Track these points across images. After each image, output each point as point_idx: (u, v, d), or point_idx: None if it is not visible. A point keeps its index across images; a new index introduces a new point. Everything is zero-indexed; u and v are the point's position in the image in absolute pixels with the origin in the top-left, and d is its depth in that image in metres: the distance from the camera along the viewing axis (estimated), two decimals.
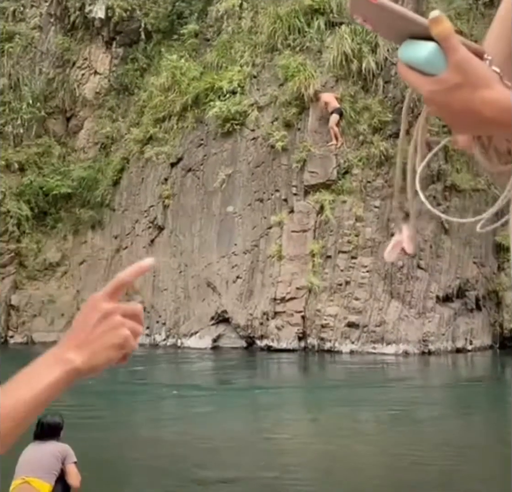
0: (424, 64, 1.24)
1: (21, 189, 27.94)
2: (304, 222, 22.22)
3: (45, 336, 26.57)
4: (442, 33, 1.19)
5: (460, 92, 1.21)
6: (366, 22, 1.27)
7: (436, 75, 1.22)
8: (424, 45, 1.23)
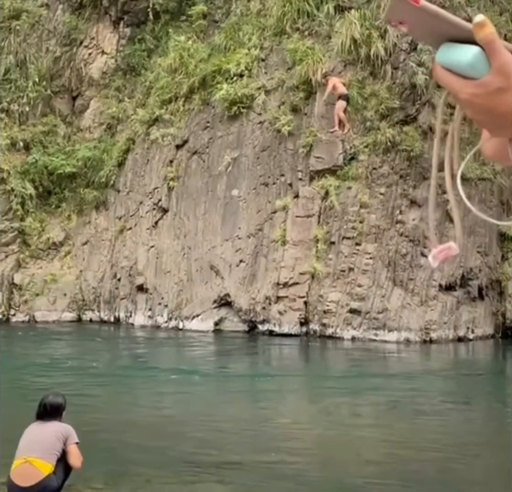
0: (467, 68, 1.25)
1: (25, 167, 27.90)
2: (308, 207, 22.19)
3: (47, 315, 26.66)
4: (487, 38, 1.21)
5: (503, 95, 1.23)
6: (402, 24, 1.27)
7: (478, 78, 1.23)
8: (467, 49, 1.24)
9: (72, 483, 7.48)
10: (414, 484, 8.57)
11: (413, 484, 8.58)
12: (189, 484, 8.34)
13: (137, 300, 25.44)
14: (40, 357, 18.82)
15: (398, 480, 8.67)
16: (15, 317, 26.68)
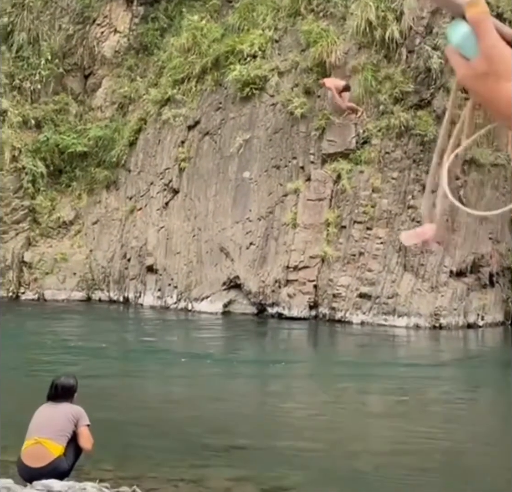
0: (458, 47, 1.19)
1: (37, 146, 27.84)
2: (320, 190, 22.10)
3: (56, 294, 26.71)
4: (475, 17, 1.14)
5: (488, 81, 1.16)
6: None
7: (470, 60, 1.17)
8: (460, 27, 1.18)
9: (82, 465, 7.49)
10: (422, 472, 8.55)
11: (421, 472, 8.56)
12: (198, 468, 8.33)
13: (146, 281, 25.44)
14: (49, 337, 18.86)
15: (406, 467, 8.65)
16: (25, 295, 26.75)
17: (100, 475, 7.38)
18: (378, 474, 8.38)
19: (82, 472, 7.47)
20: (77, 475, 7.16)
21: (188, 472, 8.11)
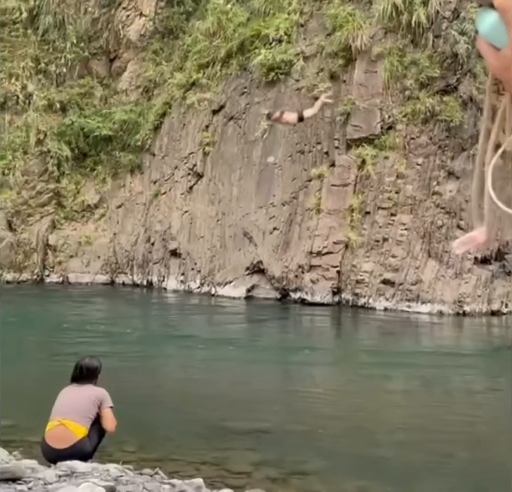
0: (487, 36, 1.13)
1: (62, 129, 27.94)
2: (344, 176, 22.01)
3: (80, 277, 26.89)
4: (502, 5, 1.08)
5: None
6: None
7: (500, 49, 1.13)
8: (488, 16, 1.12)
9: (105, 447, 7.56)
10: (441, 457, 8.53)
11: (441, 457, 8.55)
12: (220, 450, 8.38)
13: (170, 265, 25.53)
14: (74, 320, 19.00)
15: (430, 455, 8.65)
16: (49, 278, 26.95)
17: (123, 457, 7.44)
18: (400, 460, 8.37)
19: (105, 454, 7.54)
20: (100, 457, 7.23)
21: (210, 455, 8.15)
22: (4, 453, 7.11)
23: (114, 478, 5.63)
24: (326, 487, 7.20)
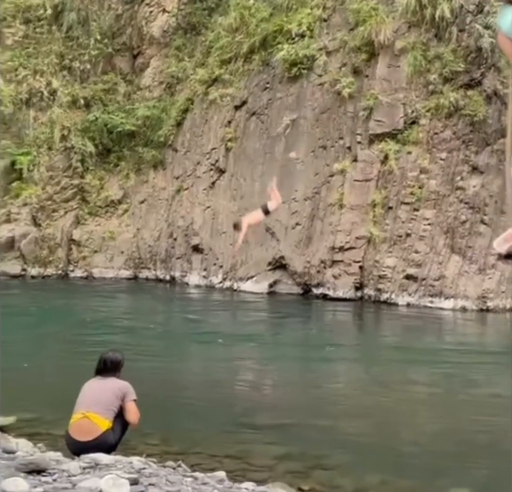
0: (508, 33, 1.14)
1: (86, 125, 28.09)
2: (367, 171, 21.95)
3: (104, 272, 27.04)
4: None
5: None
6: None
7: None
8: (509, 13, 1.12)
9: (129, 439, 7.61)
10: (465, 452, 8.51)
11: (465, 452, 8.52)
12: (241, 444, 8.42)
13: (192, 260, 25.61)
14: (97, 315, 19.13)
15: (449, 448, 8.63)
16: (74, 273, 27.12)
17: (146, 450, 7.50)
18: (424, 455, 8.36)
19: (128, 447, 7.60)
20: (123, 450, 7.28)
21: (232, 449, 8.20)
22: (29, 446, 7.20)
23: (137, 471, 5.69)
24: (348, 481, 7.22)
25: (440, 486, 7.24)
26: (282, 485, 6.62)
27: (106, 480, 5.05)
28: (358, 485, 7.15)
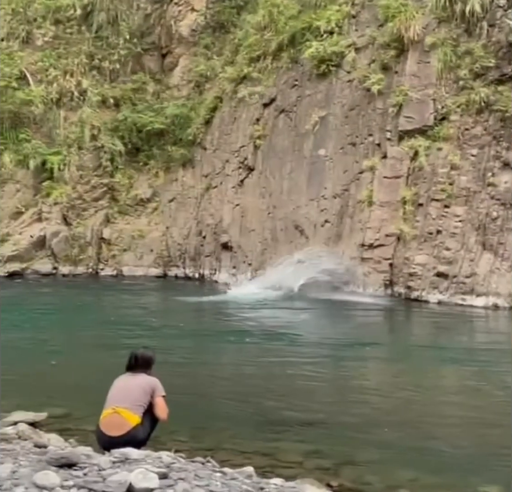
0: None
1: (115, 124, 28.29)
2: (397, 168, 21.84)
3: (134, 270, 27.22)
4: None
5: None
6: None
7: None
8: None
9: (158, 435, 7.64)
10: (496, 450, 8.43)
11: (496, 450, 8.44)
12: (271, 441, 8.41)
13: (221, 258, 25.67)
14: (127, 313, 19.24)
15: (480, 446, 8.56)
16: (103, 271, 27.33)
17: (176, 445, 7.51)
18: (454, 453, 8.29)
19: (158, 442, 7.62)
20: (153, 445, 7.31)
21: (261, 445, 8.19)
22: (60, 441, 7.26)
23: (167, 465, 5.70)
24: (378, 478, 7.18)
25: (470, 483, 7.17)
26: (311, 481, 6.60)
27: (135, 474, 5.07)
28: (388, 482, 7.10)
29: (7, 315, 17.71)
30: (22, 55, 28.28)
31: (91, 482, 4.98)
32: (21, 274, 26.21)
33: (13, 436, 6.52)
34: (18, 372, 11.28)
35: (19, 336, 14.95)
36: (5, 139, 27.30)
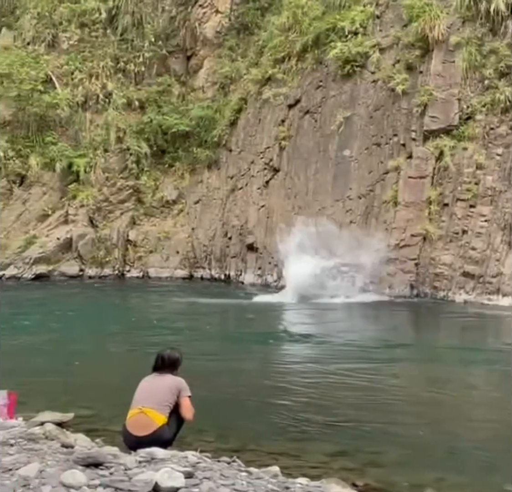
0: None
1: (141, 127, 28.45)
2: (422, 168, 21.75)
3: (160, 271, 27.34)
4: None
5: None
6: None
7: None
8: None
9: (184, 435, 7.67)
10: None
11: None
12: (297, 442, 8.41)
13: (247, 259, 25.71)
14: (154, 315, 19.29)
15: (505, 445, 8.51)
16: (130, 273, 27.49)
17: (202, 446, 7.53)
18: (481, 454, 8.25)
19: (184, 442, 7.65)
20: (179, 446, 7.34)
21: (287, 446, 8.19)
22: (86, 441, 7.32)
23: (192, 465, 5.73)
24: (403, 478, 7.15)
25: (496, 482, 7.13)
26: (336, 480, 6.59)
27: (161, 473, 5.11)
28: (414, 481, 7.07)
29: (35, 317, 17.91)
30: (48, 59, 28.53)
31: (117, 481, 5.03)
32: (48, 276, 26.43)
33: (40, 436, 6.58)
34: (45, 373, 11.40)
35: (46, 338, 15.09)
36: (31, 142, 27.56)
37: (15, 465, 5.30)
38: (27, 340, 14.80)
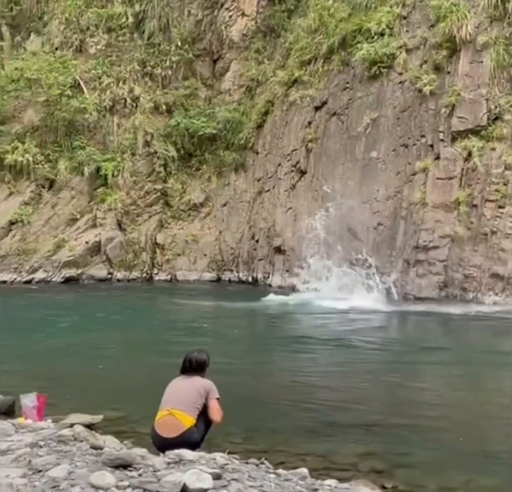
0: None
1: (168, 130, 28.58)
2: (450, 169, 21.61)
3: (187, 274, 27.44)
4: None
5: None
6: None
7: None
8: None
9: (212, 437, 7.69)
10: None
11: None
12: (324, 443, 8.40)
13: (274, 261, 25.70)
14: (182, 318, 19.37)
15: None
16: (158, 276, 27.61)
17: (230, 447, 7.54)
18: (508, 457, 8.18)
19: (212, 444, 7.66)
20: (207, 447, 7.36)
21: (315, 447, 8.18)
22: (115, 442, 7.36)
23: (220, 466, 5.74)
24: (433, 480, 7.11)
25: None
26: (365, 482, 6.57)
27: (189, 474, 5.13)
28: (443, 484, 7.04)
29: (64, 319, 18.06)
30: (76, 64, 28.76)
31: (145, 482, 5.05)
32: (77, 280, 26.63)
33: (70, 438, 6.62)
34: (73, 375, 11.49)
35: (80, 340, 15.23)
36: (60, 147, 27.79)
37: (44, 467, 5.34)
38: (63, 341, 14.97)
